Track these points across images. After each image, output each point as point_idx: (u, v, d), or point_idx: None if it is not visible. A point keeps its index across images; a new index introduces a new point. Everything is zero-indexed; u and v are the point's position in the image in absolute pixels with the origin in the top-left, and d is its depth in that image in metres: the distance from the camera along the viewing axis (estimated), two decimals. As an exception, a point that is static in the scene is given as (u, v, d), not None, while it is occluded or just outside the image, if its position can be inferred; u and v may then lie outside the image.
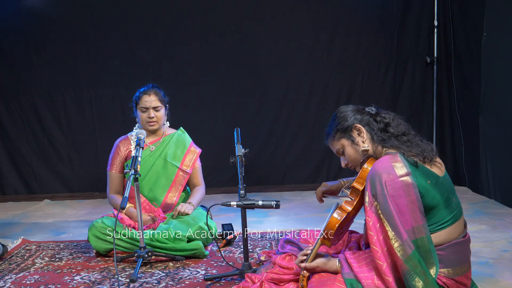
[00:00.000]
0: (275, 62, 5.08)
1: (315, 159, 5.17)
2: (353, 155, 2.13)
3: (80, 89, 5.09)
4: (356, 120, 2.13)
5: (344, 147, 2.15)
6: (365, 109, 2.17)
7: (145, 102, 3.15)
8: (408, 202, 1.88)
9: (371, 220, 1.93)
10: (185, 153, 3.26)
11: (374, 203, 1.92)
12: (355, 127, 2.11)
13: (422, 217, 1.90)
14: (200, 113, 5.09)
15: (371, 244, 1.93)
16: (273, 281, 2.24)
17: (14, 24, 4.98)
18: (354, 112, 2.16)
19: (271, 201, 2.38)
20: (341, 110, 2.19)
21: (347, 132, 2.13)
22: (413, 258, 1.85)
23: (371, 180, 1.93)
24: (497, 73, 4.18)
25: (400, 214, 1.88)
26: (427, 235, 1.89)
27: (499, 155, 4.18)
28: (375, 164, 1.96)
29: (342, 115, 2.16)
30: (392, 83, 5.12)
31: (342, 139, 2.14)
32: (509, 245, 3.04)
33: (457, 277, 1.97)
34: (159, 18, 5.02)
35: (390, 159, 1.94)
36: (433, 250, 1.90)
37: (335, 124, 2.16)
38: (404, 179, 1.89)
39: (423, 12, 5.02)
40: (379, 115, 2.14)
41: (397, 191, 1.88)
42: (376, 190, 1.91)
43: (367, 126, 2.11)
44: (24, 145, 5.13)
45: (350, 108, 2.19)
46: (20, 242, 3.41)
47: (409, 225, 1.88)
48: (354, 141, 2.12)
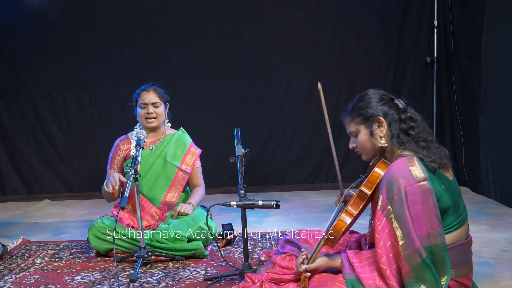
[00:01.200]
0: (275, 62, 5.08)
1: (315, 159, 5.17)
2: (366, 145, 2.06)
3: (80, 89, 5.09)
4: (381, 112, 2.02)
5: (360, 133, 2.07)
6: (394, 100, 2.06)
7: (144, 98, 3.16)
8: (425, 208, 1.84)
9: (380, 223, 1.89)
10: (185, 153, 3.27)
11: (388, 207, 1.87)
12: (378, 119, 2.02)
13: (439, 224, 1.85)
14: (200, 113, 5.08)
15: (376, 247, 1.90)
16: (273, 281, 2.24)
17: (14, 24, 4.98)
18: (382, 101, 2.05)
19: (271, 201, 2.38)
20: (369, 94, 2.08)
21: (368, 120, 2.03)
22: (422, 265, 1.81)
23: (388, 184, 1.87)
24: (497, 73, 4.18)
25: (415, 220, 1.84)
26: (442, 242, 1.85)
27: (499, 155, 4.18)
28: (392, 167, 1.90)
29: (369, 99, 2.06)
30: (392, 83, 5.11)
31: (361, 125, 2.06)
32: (509, 245, 3.04)
33: (459, 278, 1.97)
34: (159, 18, 5.02)
35: (407, 162, 1.89)
36: (447, 258, 1.85)
37: (359, 107, 2.06)
38: (422, 184, 1.85)
39: (423, 12, 5.02)
40: (406, 112, 2.03)
41: (415, 196, 1.84)
42: (393, 195, 1.86)
43: (390, 123, 2.01)
44: (24, 145, 5.13)
45: (378, 94, 2.08)
46: (20, 242, 3.41)
47: (424, 231, 1.84)
48: (372, 132, 2.03)
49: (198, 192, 3.32)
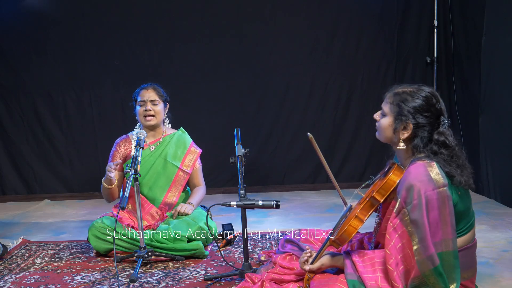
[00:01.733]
0: (275, 62, 5.08)
1: (315, 159, 5.14)
2: (386, 130, 2.01)
3: (80, 89, 5.09)
4: (415, 120, 1.94)
5: (386, 117, 2.00)
6: (440, 118, 1.97)
7: (143, 95, 3.18)
8: (441, 214, 1.83)
9: (393, 225, 1.88)
10: (185, 153, 3.27)
11: (403, 210, 1.85)
12: (407, 123, 1.95)
13: (453, 231, 1.85)
14: (200, 113, 5.08)
15: (386, 247, 1.89)
16: (274, 281, 2.24)
17: (14, 24, 4.98)
18: (426, 111, 1.94)
19: (271, 201, 2.38)
20: (422, 95, 1.96)
21: (399, 116, 1.96)
22: (433, 273, 1.80)
23: (407, 188, 1.85)
24: (497, 73, 4.18)
25: (431, 226, 1.82)
26: (454, 250, 1.84)
27: (499, 155, 4.18)
28: (412, 171, 1.87)
29: (417, 99, 1.95)
30: (392, 83, 4.98)
31: (392, 114, 1.99)
32: (509, 245, 3.04)
33: (464, 281, 1.97)
34: (159, 18, 5.01)
35: (426, 166, 1.87)
36: (457, 266, 1.85)
37: (404, 98, 1.96)
38: (441, 190, 1.84)
39: (423, 12, 5.02)
40: (443, 134, 1.95)
41: (434, 202, 1.83)
42: (412, 199, 1.83)
43: (417, 134, 1.94)
44: (24, 145, 5.13)
45: (428, 102, 1.95)
46: (20, 242, 3.41)
47: (438, 238, 1.83)
48: (396, 128, 1.97)
49: (198, 192, 3.32)
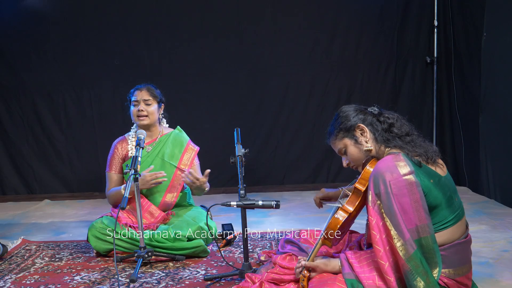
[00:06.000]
0: (275, 62, 5.08)
1: (315, 159, 5.17)
2: (356, 154, 2.13)
3: (80, 89, 5.09)
4: (359, 120, 2.13)
5: (347, 147, 2.15)
6: (368, 109, 2.17)
7: (136, 96, 3.18)
8: (411, 201, 1.88)
9: (374, 219, 1.93)
10: (182, 151, 3.26)
11: (377, 202, 1.92)
12: (358, 126, 2.11)
13: (427, 216, 1.89)
14: (200, 113, 5.08)
15: (373, 243, 1.93)
16: (274, 281, 2.24)
17: (14, 24, 4.98)
18: (356, 111, 2.16)
19: (271, 201, 2.38)
20: (344, 110, 2.19)
21: (350, 131, 2.13)
22: (415, 257, 1.85)
23: (374, 179, 1.93)
24: (497, 73, 4.18)
25: (403, 213, 1.88)
26: (431, 235, 1.89)
27: (499, 155, 4.18)
28: (378, 164, 1.96)
29: (345, 114, 2.16)
30: (392, 83, 5.11)
31: (345, 139, 2.14)
32: (509, 245, 3.04)
33: (458, 277, 1.98)
34: (159, 18, 5.02)
35: (393, 159, 1.95)
36: (437, 250, 1.90)
37: (338, 124, 2.16)
38: (407, 178, 1.90)
39: (423, 12, 5.02)
40: (382, 115, 2.14)
41: (401, 190, 1.89)
42: (379, 189, 1.91)
43: (370, 126, 2.11)
44: (24, 145, 5.13)
45: (352, 107, 2.19)
46: (20, 242, 3.41)
47: (413, 224, 1.88)
48: (357, 140, 2.12)
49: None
